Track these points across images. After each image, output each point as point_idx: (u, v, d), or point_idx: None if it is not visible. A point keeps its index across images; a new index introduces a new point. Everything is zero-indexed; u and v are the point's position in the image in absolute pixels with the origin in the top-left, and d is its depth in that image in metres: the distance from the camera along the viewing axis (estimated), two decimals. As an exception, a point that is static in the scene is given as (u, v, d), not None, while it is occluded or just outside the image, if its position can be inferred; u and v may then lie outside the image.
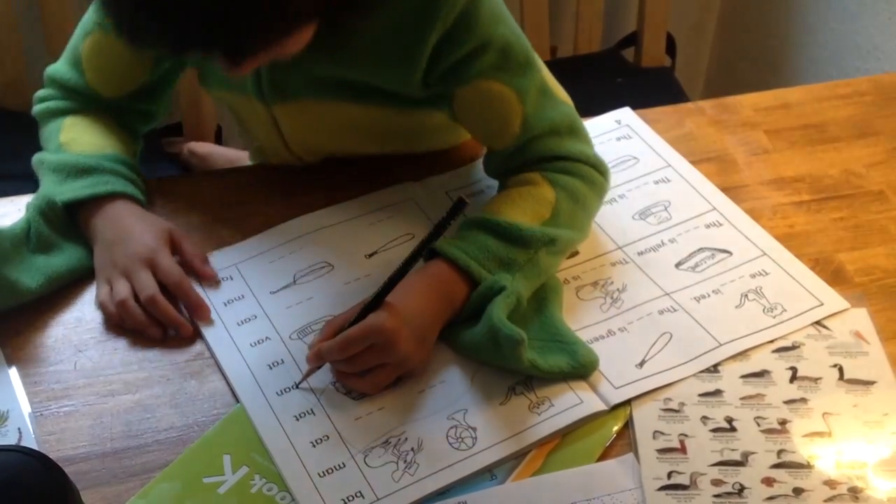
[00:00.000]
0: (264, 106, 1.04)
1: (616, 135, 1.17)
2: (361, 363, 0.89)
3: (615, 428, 0.89)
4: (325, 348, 0.89)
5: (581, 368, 0.91)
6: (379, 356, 0.89)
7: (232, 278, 1.01)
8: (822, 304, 0.99)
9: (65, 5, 1.68)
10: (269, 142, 1.11)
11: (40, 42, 1.72)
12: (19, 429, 0.88)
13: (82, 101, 1.09)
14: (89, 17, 1.07)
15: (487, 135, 1.03)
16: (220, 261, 1.03)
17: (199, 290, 0.99)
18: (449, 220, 0.88)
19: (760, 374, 0.93)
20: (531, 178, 0.99)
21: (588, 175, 1.00)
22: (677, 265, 1.03)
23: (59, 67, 1.09)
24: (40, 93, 1.11)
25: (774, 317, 0.97)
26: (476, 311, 0.93)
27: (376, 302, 0.89)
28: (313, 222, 1.06)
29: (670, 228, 1.06)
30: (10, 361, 0.93)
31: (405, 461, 0.86)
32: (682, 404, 0.90)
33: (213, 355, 0.95)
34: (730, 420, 0.89)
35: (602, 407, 0.90)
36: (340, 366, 0.90)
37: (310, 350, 0.91)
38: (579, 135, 1.02)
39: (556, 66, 1.09)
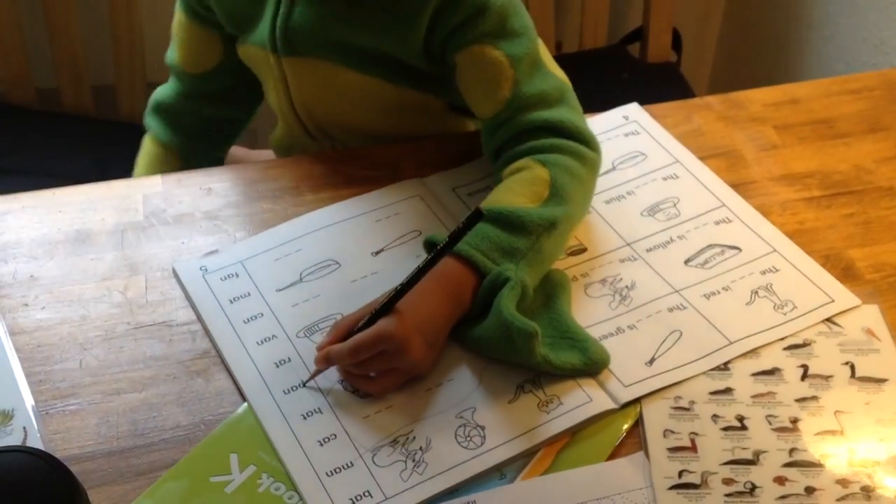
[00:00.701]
0: (276, 58, 1.10)
1: (624, 130, 1.17)
2: (371, 368, 0.89)
3: (625, 426, 0.88)
4: (335, 352, 0.88)
5: (593, 365, 0.90)
6: (389, 362, 0.88)
7: (238, 275, 1.00)
8: (832, 301, 0.98)
9: (68, 1, 1.68)
10: (279, 101, 1.17)
11: (44, 38, 1.72)
12: (24, 428, 0.87)
13: (175, 85, 1.21)
14: None
15: (479, 98, 1.04)
16: (225, 258, 1.02)
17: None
18: (465, 231, 0.88)
19: (771, 371, 0.92)
20: (522, 164, 1.00)
21: (578, 151, 1.00)
22: (686, 262, 1.02)
23: (169, 49, 1.21)
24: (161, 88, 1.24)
25: (785, 314, 0.97)
26: (485, 307, 0.92)
27: (387, 308, 0.89)
28: (319, 219, 1.05)
29: (679, 225, 1.06)
30: (15, 359, 0.93)
31: (413, 460, 0.85)
32: (693, 402, 0.90)
33: (219, 353, 0.94)
34: (741, 418, 0.89)
35: (612, 405, 0.89)
36: (349, 368, 0.89)
37: (317, 351, 0.90)
38: (570, 105, 1.03)
39: (561, 61, 1.09)
